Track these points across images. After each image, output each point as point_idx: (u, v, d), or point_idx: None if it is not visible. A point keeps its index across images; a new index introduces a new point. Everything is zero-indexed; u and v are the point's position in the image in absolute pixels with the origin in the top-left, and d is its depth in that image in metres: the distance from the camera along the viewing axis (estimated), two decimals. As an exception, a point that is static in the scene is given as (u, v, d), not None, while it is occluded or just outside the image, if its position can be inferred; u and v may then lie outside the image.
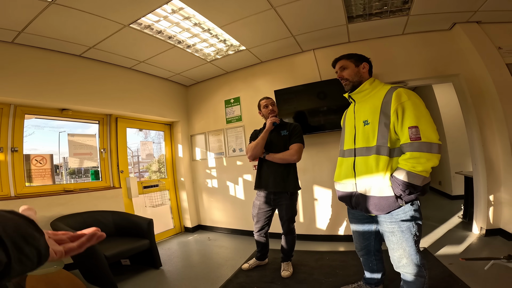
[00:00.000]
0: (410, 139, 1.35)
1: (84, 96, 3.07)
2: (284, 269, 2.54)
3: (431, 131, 1.35)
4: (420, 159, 1.32)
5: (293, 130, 2.47)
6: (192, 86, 4.52)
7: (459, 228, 3.29)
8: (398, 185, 1.37)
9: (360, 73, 1.64)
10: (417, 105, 1.39)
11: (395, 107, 1.40)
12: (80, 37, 2.71)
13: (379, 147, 1.46)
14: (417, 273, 1.50)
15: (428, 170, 1.34)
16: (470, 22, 2.92)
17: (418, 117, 1.36)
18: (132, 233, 2.90)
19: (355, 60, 1.66)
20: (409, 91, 1.44)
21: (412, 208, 1.46)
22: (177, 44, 3.09)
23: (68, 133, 3.13)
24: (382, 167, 1.44)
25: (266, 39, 3.18)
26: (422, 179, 1.35)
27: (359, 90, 1.62)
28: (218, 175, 4.18)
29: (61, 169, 3.24)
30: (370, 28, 3.04)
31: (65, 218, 2.73)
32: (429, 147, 1.32)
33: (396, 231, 1.49)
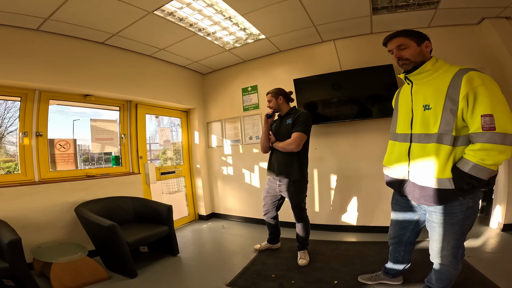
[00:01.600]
0: (482, 129, 1.20)
1: (106, 83, 3.09)
2: (301, 258, 2.59)
3: (508, 120, 1.18)
4: (491, 152, 1.19)
5: (297, 119, 2.47)
6: (208, 74, 4.50)
7: (476, 222, 3.26)
8: (462, 177, 1.25)
9: (423, 52, 1.45)
10: (493, 91, 1.23)
11: (466, 92, 1.24)
12: (104, 24, 2.70)
13: (441, 135, 1.32)
14: (453, 266, 1.46)
15: (498, 163, 1.21)
16: (499, 17, 2.85)
17: (494, 104, 1.20)
18: (151, 219, 2.95)
19: (416, 38, 1.46)
20: (483, 75, 1.27)
21: (470, 201, 1.34)
22: (197, 32, 3.07)
23: (91, 118, 3.17)
24: (443, 157, 1.31)
25: (286, 29, 3.12)
26: (490, 172, 1.22)
27: (420, 71, 1.44)
28: (234, 163, 4.21)
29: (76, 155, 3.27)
30: (394, 20, 2.97)
31: (88, 203, 2.78)
32: (504, 139, 1.18)
33: (446, 223, 1.39)
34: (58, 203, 2.68)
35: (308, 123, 2.45)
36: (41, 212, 2.56)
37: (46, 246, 2.41)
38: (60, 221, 2.68)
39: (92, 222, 2.42)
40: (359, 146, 3.32)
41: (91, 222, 2.43)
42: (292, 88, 3.49)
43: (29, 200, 2.51)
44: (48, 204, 2.62)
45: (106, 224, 2.31)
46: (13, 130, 2.72)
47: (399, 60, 1.50)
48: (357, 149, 3.32)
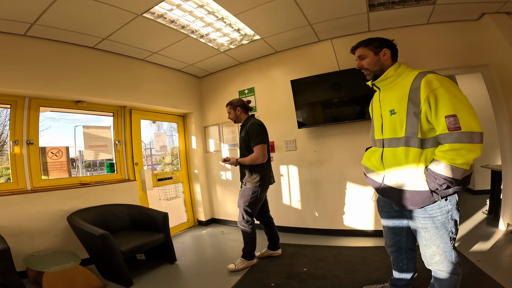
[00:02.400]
0: (448, 129, 1.21)
1: (98, 88, 3.04)
2: (233, 262, 2.64)
3: (471, 119, 1.20)
4: (460, 151, 1.19)
5: (250, 133, 2.57)
6: (205, 77, 4.45)
7: (485, 224, 3.15)
8: (434, 179, 1.26)
9: (381, 61, 1.49)
10: (452, 92, 1.24)
11: (426, 95, 1.26)
12: (93, 28, 2.65)
13: (408, 138, 1.35)
14: (451, 270, 1.40)
15: (469, 162, 1.21)
16: (499, 12, 2.78)
17: (455, 104, 1.21)
18: (147, 226, 2.88)
19: (374, 47, 1.50)
20: (440, 77, 1.29)
21: (449, 203, 1.34)
22: (190, 34, 3.00)
23: (83, 125, 3.11)
24: (412, 159, 1.33)
25: (281, 28, 3.05)
26: (462, 172, 1.22)
27: (383, 78, 1.48)
28: (232, 167, 4.11)
29: (77, 162, 3.25)
30: (392, 17, 2.91)
31: (82, 212, 2.72)
32: (471, 137, 1.18)
33: (429, 227, 1.39)
34: (51, 212, 2.63)
35: (261, 133, 2.57)
36: (34, 221, 2.51)
37: (39, 255, 2.36)
38: (54, 229, 2.62)
39: (84, 231, 2.37)
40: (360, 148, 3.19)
41: (83, 231, 2.38)
42: (290, 90, 3.41)
43: (21, 208, 2.46)
44: (41, 212, 2.57)
45: (97, 233, 2.25)
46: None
47: (361, 69, 1.56)
48: (359, 151, 3.21)
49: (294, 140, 3.54)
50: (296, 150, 3.54)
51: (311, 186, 3.46)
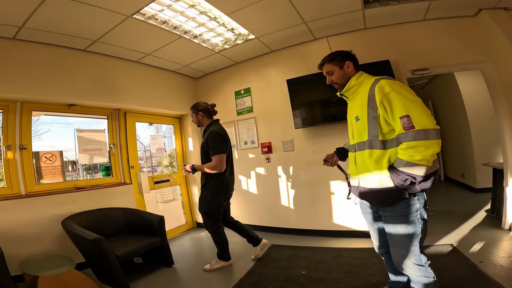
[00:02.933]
0: (404, 129, 1.29)
1: (91, 91, 3.00)
2: (209, 262, 2.73)
3: (424, 117, 1.27)
4: (418, 148, 1.26)
5: (209, 141, 2.54)
6: (201, 78, 4.41)
7: (487, 223, 3.07)
8: (398, 175, 1.33)
9: (347, 73, 1.59)
10: (402, 94, 1.32)
11: (380, 100, 1.36)
12: (83, 30, 2.61)
13: (371, 141, 1.44)
14: (423, 274, 1.41)
15: (427, 158, 1.26)
16: (497, 8, 2.74)
17: (407, 106, 1.29)
18: (144, 230, 2.86)
19: (337, 62, 1.60)
20: (391, 81, 1.39)
21: (417, 201, 1.39)
22: (183, 35, 2.97)
23: (77, 128, 3.08)
24: (377, 160, 1.41)
25: (276, 27, 3.01)
26: (423, 168, 1.27)
27: (347, 88, 1.59)
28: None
29: (78, 165, 3.23)
30: (388, 14, 2.87)
31: (76, 216, 2.70)
32: (426, 134, 1.25)
33: (399, 226, 1.43)
34: (45, 216, 2.61)
35: (220, 141, 2.54)
36: (29, 225, 2.50)
37: (35, 259, 2.34)
38: (49, 234, 2.61)
39: (78, 235, 2.34)
40: None
41: (77, 235, 2.35)
42: (286, 90, 3.36)
43: (15, 213, 2.45)
44: (36, 217, 2.55)
45: (91, 238, 2.22)
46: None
47: (332, 84, 1.65)
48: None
49: (291, 141, 3.49)
50: (293, 150, 3.49)
51: (310, 187, 3.41)
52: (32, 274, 2.13)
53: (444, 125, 5.55)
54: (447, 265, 2.22)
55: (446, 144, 5.60)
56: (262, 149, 3.69)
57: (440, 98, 5.35)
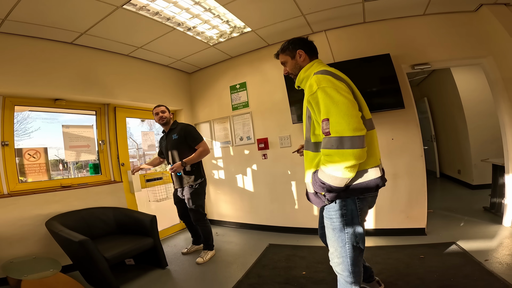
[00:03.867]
0: (324, 134, 1.17)
1: (78, 85, 2.84)
2: (200, 256, 2.82)
3: (342, 121, 1.11)
4: (333, 157, 1.13)
5: (187, 135, 2.77)
6: (195, 73, 4.27)
7: (487, 220, 3.03)
8: (315, 181, 1.26)
9: (299, 63, 1.46)
10: (328, 93, 1.16)
11: (307, 98, 1.25)
12: (69, 22, 2.46)
13: (307, 141, 1.38)
14: (345, 277, 1.37)
15: (342, 169, 1.12)
16: (498, 4, 2.71)
17: (328, 108, 1.15)
18: (135, 230, 2.72)
19: (289, 51, 1.48)
20: (320, 77, 1.23)
21: (343, 208, 1.31)
22: (176, 27, 2.83)
23: (63, 124, 2.91)
24: (308, 162, 1.36)
25: (273, 19, 2.90)
26: (337, 179, 1.16)
27: (298, 81, 1.46)
28: (225, 166, 3.97)
29: (69, 163, 3.08)
30: (388, 7, 2.81)
31: (62, 216, 2.55)
32: (340, 142, 1.11)
33: (329, 227, 1.38)
34: (29, 216, 2.46)
35: (196, 132, 2.89)
36: (11, 226, 2.36)
37: (18, 261, 2.22)
38: (34, 235, 2.46)
39: (63, 237, 2.20)
40: None
41: (62, 237, 2.21)
42: (283, 84, 3.27)
43: (-3, 213, 2.29)
44: (19, 217, 2.41)
45: (77, 239, 2.09)
46: None
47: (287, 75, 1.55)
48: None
49: (288, 136, 3.39)
50: (291, 146, 3.39)
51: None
52: (15, 277, 2.01)
53: (439, 121, 5.55)
54: (451, 263, 2.16)
55: (441, 140, 5.59)
56: (259, 145, 3.59)
57: (436, 95, 5.33)
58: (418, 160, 2.81)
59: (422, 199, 2.82)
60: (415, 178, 2.83)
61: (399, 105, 2.74)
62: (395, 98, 2.75)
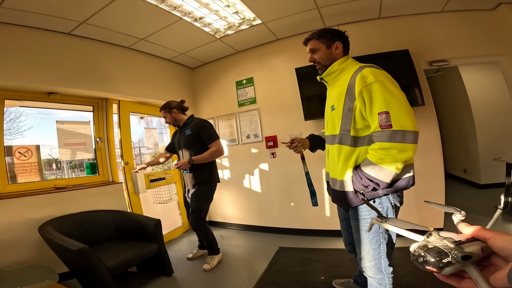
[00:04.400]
0: (380, 127, 1.15)
1: (74, 78, 2.61)
2: (206, 262, 2.64)
3: (405, 116, 1.12)
4: (390, 151, 1.13)
5: (201, 131, 2.55)
6: (198, 68, 4.07)
7: (502, 220, 2.97)
8: (360, 178, 1.22)
9: (333, 55, 1.41)
10: (387, 87, 1.16)
11: (360, 90, 1.19)
12: (68, 10, 2.25)
13: (341, 136, 1.31)
14: (378, 280, 1.34)
15: (398, 164, 1.13)
16: None
17: (388, 101, 1.14)
18: (137, 235, 2.51)
19: (326, 40, 1.41)
20: (377, 71, 1.21)
21: (379, 206, 1.27)
22: (183, 16, 2.64)
23: (57, 120, 2.67)
24: (343, 158, 1.30)
25: (286, 11, 2.75)
26: (390, 174, 1.15)
27: (328, 72, 1.40)
28: (231, 165, 3.79)
29: (63, 162, 2.87)
30: (405, 4, 2.73)
31: (56, 220, 2.32)
32: (402, 136, 1.11)
33: (361, 230, 1.34)
34: (20, 221, 2.24)
35: (212, 129, 2.61)
36: (1, 231, 2.15)
37: (10, 270, 1.99)
38: (26, 241, 2.25)
39: (58, 244, 1.97)
40: None
41: (57, 244, 1.98)
42: (294, 79, 3.11)
43: (-15, 218, 2.07)
44: (9, 222, 2.19)
45: (74, 248, 1.87)
46: None
47: (314, 63, 1.47)
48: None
49: (299, 134, 3.24)
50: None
51: (320, 184, 3.16)
52: (7, 288, 1.78)
53: (445, 120, 5.51)
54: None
55: (446, 139, 5.54)
56: (267, 143, 3.42)
57: (442, 93, 5.28)
58: (437, 159, 2.72)
59: (440, 199, 2.72)
60: (433, 177, 2.73)
61: (419, 102, 2.63)
62: (414, 95, 2.64)
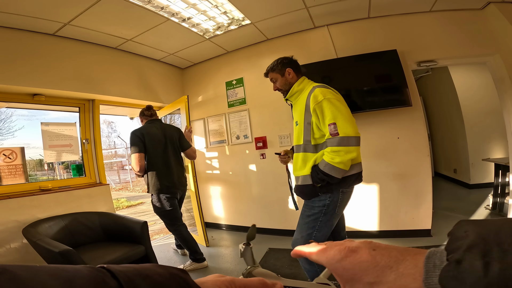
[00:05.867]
0: (330, 135, 1.46)
1: (59, 79, 2.58)
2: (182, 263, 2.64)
3: (348, 125, 1.44)
4: (339, 152, 1.43)
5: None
6: (188, 68, 4.05)
7: (490, 220, 2.99)
8: (317, 173, 1.50)
9: (288, 80, 1.70)
10: (333, 103, 1.47)
11: (313, 107, 1.50)
12: (51, 12, 2.23)
13: (305, 145, 1.59)
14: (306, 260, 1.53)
15: (345, 162, 1.43)
16: (506, 2, 2.65)
17: (334, 114, 1.45)
18: (124, 238, 2.47)
19: (279, 70, 1.71)
20: (325, 90, 1.52)
21: (328, 199, 1.54)
22: (170, 17, 2.62)
23: (42, 121, 2.63)
24: (306, 161, 1.58)
25: (275, 11, 2.74)
26: (339, 171, 1.45)
27: (291, 94, 1.69)
28: (220, 166, 3.78)
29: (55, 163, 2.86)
30: (394, 3, 2.73)
31: (41, 222, 2.28)
32: (347, 141, 1.43)
33: (303, 214, 1.63)
34: (4, 223, 2.22)
35: (133, 142, 2.46)
36: None
37: None
38: (11, 243, 2.24)
39: (41, 246, 1.93)
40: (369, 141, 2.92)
41: (40, 246, 1.95)
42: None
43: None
44: None
45: (57, 250, 1.83)
46: None
47: (278, 90, 1.77)
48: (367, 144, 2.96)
49: (289, 135, 3.24)
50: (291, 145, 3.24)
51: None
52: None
53: (435, 120, 5.55)
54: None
55: (437, 140, 5.59)
56: (256, 144, 3.41)
57: (432, 94, 5.32)
58: (425, 160, 2.73)
59: (428, 200, 2.73)
60: (421, 178, 2.74)
61: (407, 102, 2.64)
62: (402, 95, 2.65)
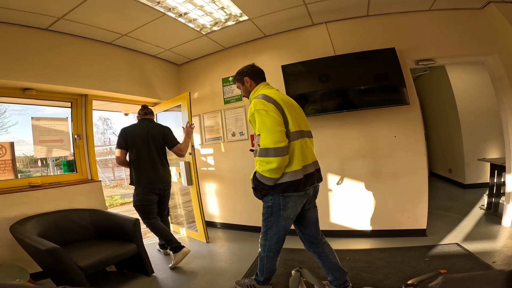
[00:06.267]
0: (258, 145, 1.56)
1: (51, 74, 2.52)
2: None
3: (268, 137, 1.49)
4: (261, 163, 1.52)
5: None
6: (184, 64, 4.00)
7: (486, 220, 3.00)
8: (253, 180, 1.66)
9: (248, 88, 1.82)
10: (260, 115, 1.54)
11: (249, 118, 1.64)
12: (45, 6, 2.18)
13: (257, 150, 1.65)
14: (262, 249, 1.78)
15: (267, 172, 1.51)
16: (506, 2, 2.66)
17: (259, 126, 1.54)
18: (115, 235, 2.42)
19: (239, 79, 1.85)
20: (258, 102, 1.58)
21: (270, 201, 1.65)
22: (167, 12, 2.57)
23: (32, 116, 2.56)
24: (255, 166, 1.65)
25: (273, 7, 2.71)
26: (266, 179, 1.55)
27: (250, 101, 1.76)
28: (215, 163, 3.73)
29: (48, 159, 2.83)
30: (393, 1, 2.72)
31: (30, 219, 2.22)
32: (267, 152, 1.49)
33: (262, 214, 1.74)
34: None
35: (118, 138, 2.59)
36: None
37: None
38: None
39: (28, 244, 1.88)
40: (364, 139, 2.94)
41: (26, 243, 1.90)
42: (280, 77, 3.07)
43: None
44: None
45: (44, 247, 1.78)
46: None
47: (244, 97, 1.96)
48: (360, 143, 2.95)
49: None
50: (288, 143, 3.21)
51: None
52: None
53: (430, 120, 5.57)
54: (459, 266, 2.07)
55: (432, 139, 5.61)
56: (252, 141, 3.37)
57: (428, 93, 5.33)
58: (421, 159, 2.72)
59: (423, 199, 2.72)
60: (417, 177, 2.74)
61: (404, 101, 2.62)
62: (399, 94, 2.63)
